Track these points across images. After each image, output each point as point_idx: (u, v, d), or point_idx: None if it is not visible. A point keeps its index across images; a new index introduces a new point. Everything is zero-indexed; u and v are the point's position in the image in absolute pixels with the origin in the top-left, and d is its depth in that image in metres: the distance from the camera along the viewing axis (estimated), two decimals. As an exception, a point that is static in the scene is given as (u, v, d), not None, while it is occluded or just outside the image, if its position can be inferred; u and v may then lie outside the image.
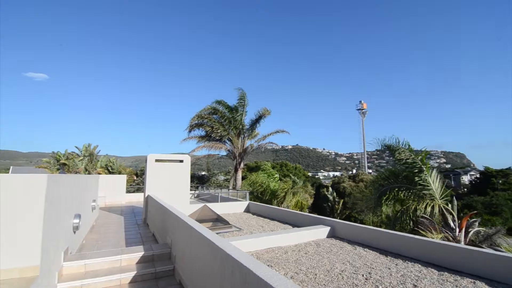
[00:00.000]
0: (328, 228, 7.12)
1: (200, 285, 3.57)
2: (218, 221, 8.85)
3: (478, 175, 56.10)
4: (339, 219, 18.18)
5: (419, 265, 4.81)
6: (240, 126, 22.90)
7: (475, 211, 15.17)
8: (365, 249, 5.86)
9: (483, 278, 4.17)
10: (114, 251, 5.32)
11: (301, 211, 15.88)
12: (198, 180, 34.10)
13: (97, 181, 10.98)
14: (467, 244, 8.64)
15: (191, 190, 20.17)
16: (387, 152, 10.98)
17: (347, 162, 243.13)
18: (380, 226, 13.24)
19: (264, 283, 1.92)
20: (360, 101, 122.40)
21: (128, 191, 18.50)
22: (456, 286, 3.91)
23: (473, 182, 55.35)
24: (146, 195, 9.76)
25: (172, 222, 5.47)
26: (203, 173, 40.68)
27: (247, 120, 23.44)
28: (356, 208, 28.72)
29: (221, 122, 22.65)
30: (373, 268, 4.65)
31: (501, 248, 8.80)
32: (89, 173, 23.71)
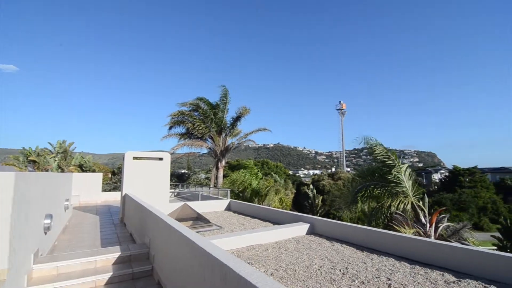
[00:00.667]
0: (307, 225, 7.26)
1: (179, 284, 3.52)
2: (199, 220, 8.76)
3: (447, 174, 59.43)
4: (318, 216, 18.59)
5: (393, 259, 5.04)
6: (222, 124, 22.73)
7: (444, 207, 16.09)
8: (343, 245, 6.04)
9: (451, 270, 4.44)
10: (89, 252, 5.12)
11: (285, 209, 16.10)
12: (178, 178, 33.51)
13: (70, 180, 10.48)
14: (437, 239, 9.16)
15: (171, 188, 19.79)
16: (365, 151, 11.38)
17: (326, 160, 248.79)
18: (357, 222, 13.74)
19: (244, 281, 1.93)
20: (340, 102, 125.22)
21: (104, 190, 17.85)
22: (427, 278, 4.14)
23: (443, 180, 58.60)
24: (123, 194, 9.46)
25: (151, 221, 5.35)
26: (184, 171, 40.03)
27: (228, 118, 23.36)
28: (335, 205, 29.48)
29: (202, 119, 22.35)
30: (350, 263, 4.81)
31: (467, 241, 9.42)
32: (62, 171, 22.57)
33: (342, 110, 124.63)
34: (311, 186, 34.74)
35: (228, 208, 12.18)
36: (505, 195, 46.73)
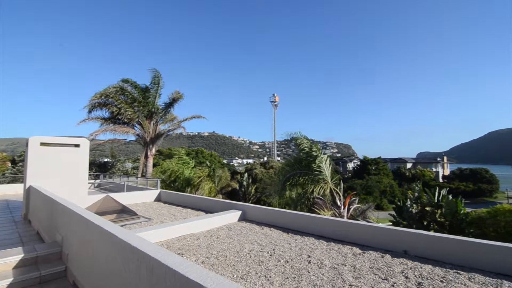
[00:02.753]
0: (239, 212, 7.49)
1: (100, 283, 3.24)
2: (124, 213, 8.11)
3: (359, 163, 69.19)
4: (251, 203, 19.27)
5: (313, 238, 5.65)
6: (152, 109, 21.19)
7: (355, 192, 18.77)
8: (271, 229, 6.47)
9: (358, 244, 5.23)
10: (-23, 258, 4.22)
11: (215, 196, 16.16)
12: (99, 168, 30.07)
13: None
14: (348, 218, 10.63)
15: (90, 179, 17.67)
16: (293, 142, 12.29)
17: (259, 150, 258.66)
18: (285, 207, 14.85)
19: (172, 272, 1.91)
20: (273, 94, 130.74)
21: (0, 182, 14.76)
22: (339, 252, 4.79)
23: (355, 169, 68.04)
24: (27, 186, 8.01)
25: (64, 216, 4.70)
26: (107, 159, 36.14)
27: (161, 103, 21.90)
28: (266, 192, 31.09)
29: (130, 103, 20.38)
30: (276, 245, 5.20)
31: (370, 219, 11.22)
32: None
33: (275, 103, 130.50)
34: (246, 175, 35.74)
35: (158, 199, 11.59)
36: (400, 181, 57.24)
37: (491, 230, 11.95)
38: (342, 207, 10.76)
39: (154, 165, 22.87)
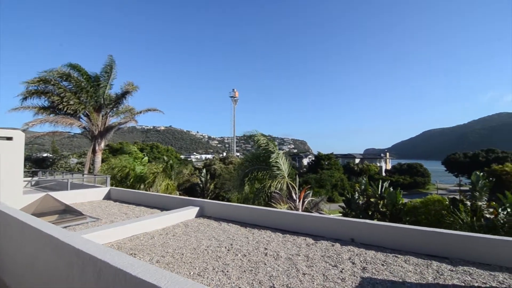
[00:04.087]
0: (197, 209, 7.36)
1: (37, 291, 2.92)
2: (67, 213, 7.38)
3: (313, 158, 73.10)
4: (209, 199, 19.07)
5: (270, 231, 5.81)
6: (102, 100, 19.49)
7: (310, 185, 19.79)
8: (229, 224, 6.48)
9: (311, 235, 5.53)
10: None
11: (171, 193, 15.60)
12: (36, 164, 26.84)
13: None
14: (303, 211, 11.15)
15: (27, 176, 15.69)
16: (251, 139, 12.48)
17: (219, 145, 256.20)
18: (244, 202, 15.02)
19: (123, 274, 1.80)
20: (233, 89, 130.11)
21: None
22: (294, 243, 5.01)
23: (310, 164, 71.73)
24: None
25: (-8, 219, 4.12)
26: (47, 154, 32.46)
27: (112, 94, 20.25)
28: (225, 188, 30.99)
29: (75, 92, 18.42)
30: (234, 240, 5.24)
31: (323, 211, 11.92)
32: None
33: (235, 98, 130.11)
34: (204, 171, 35.10)
35: (108, 197, 10.78)
36: (349, 175, 61.89)
37: (423, 218, 13.62)
38: (298, 201, 11.25)
39: (103, 161, 21.15)
